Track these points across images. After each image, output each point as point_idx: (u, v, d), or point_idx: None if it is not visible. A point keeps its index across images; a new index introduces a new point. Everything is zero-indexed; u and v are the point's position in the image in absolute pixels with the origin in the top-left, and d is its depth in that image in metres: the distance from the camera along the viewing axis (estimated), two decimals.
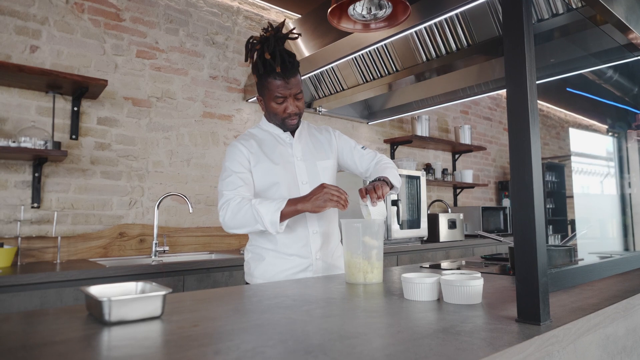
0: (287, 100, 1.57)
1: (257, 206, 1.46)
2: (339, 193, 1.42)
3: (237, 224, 1.52)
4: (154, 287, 0.99)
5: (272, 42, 1.48)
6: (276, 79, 1.52)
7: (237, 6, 3.37)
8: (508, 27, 0.96)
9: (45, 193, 2.49)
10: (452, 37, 2.48)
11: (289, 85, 1.54)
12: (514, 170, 0.92)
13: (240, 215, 1.49)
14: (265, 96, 1.60)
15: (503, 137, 5.93)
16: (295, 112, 1.59)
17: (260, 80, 1.57)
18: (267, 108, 1.62)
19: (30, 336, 0.80)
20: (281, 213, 1.45)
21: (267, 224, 1.46)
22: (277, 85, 1.53)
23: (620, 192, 2.06)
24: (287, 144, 1.69)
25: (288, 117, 1.60)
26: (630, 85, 2.31)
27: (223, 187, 1.58)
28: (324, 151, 1.74)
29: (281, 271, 1.61)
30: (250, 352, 0.70)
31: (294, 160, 1.66)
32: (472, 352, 0.70)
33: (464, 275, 1.14)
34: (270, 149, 1.65)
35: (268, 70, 1.51)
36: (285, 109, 1.58)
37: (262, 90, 1.59)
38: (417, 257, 3.54)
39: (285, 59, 1.51)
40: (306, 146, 1.71)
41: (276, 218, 1.44)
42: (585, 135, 3.09)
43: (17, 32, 2.46)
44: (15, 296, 1.84)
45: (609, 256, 1.54)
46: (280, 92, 1.54)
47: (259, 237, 1.65)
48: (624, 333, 1.21)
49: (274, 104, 1.58)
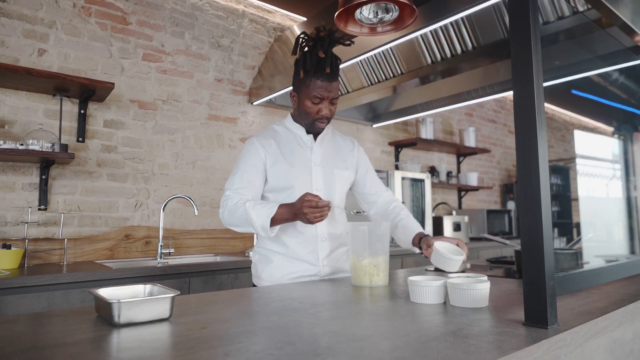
0: (324, 102, 1.56)
1: (249, 210, 1.49)
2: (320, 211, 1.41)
3: (233, 222, 1.56)
4: (162, 290, 1.00)
5: (327, 42, 1.48)
6: (320, 79, 1.51)
7: (243, 9, 3.38)
8: (515, 30, 0.96)
9: (52, 195, 2.51)
10: (457, 39, 2.48)
11: (330, 87, 1.54)
12: (521, 174, 0.92)
13: (236, 215, 1.53)
14: (302, 93, 1.58)
15: (508, 139, 5.92)
16: (327, 116, 1.59)
17: (302, 78, 1.55)
18: (301, 106, 1.60)
19: (41, 337, 0.81)
20: (272, 219, 1.48)
21: (258, 228, 1.49)
22: (319, 86, 1.52)
23: (626, 195, 2.05)
24: (307, 147, 1.67)
25: (319, 120, 1.59)
26: (636, 87, 2.30)
27: (228, 183, 1.62)
28: (344, 160, 1.72)
29: (288, 274, 1.61)
30: (260, 354, 0.71)
31: (312, 165, 1.64)
32: (480, 356, 0.71)
33: (471, 279, 1.14)
34: (289, 150, 1.64)
35: (316, 69, 1.50)
36: (319, 110, 1.57)
37: (301, 87, 1.57)
38: (422, 260, 3.53)
39: (333, 62, 1.52)
40: (327, 152, 1.69)
41: (266, 224, 1.48)
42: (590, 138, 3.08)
43: (25, 36, 2.48)
44: (22, 298, 1.85)
45: (615, 260, 1.53)
46: (320, 93, 1.53)
47: (267, 240, 1.65)
48: (632, 337, 1.21)
49: (309, 103, 1.57)
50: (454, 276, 1.19)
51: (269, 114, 3.49)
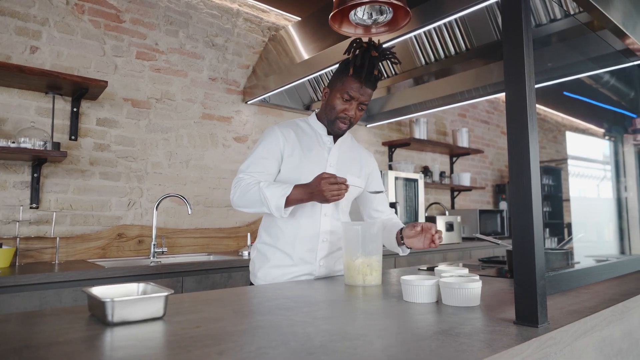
0: (352, 103, 1.60)
1: (264, 189, 1.49)
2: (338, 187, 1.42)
3: (244, 203, 1.55)
4: (155, 288, 1.00)
5: (380, 49, 1.54)
6: (357, 80, 1.56)
7: (237, 8, 3.38)
8: (508, 33, 0.97)
9: (44, 194, 2.49)
10: (451, 41, 2.49)
11: (362, 91, 1.58)
12: (513, 175, 0.93)
13: (248, 195, 1.52)
14: (335, 89, 1.61)
15: (500, 140, 5.96)
16: (351, 117, 1.61)
17: (340, 74, 1.60)
18: (330, 101, 1.63)
19: (34, 336, 0.81)
20: (287, 199, 1.46)
21: (272, 208, 1.48)
22: (353, 86, 1.56)
23: (616, 195, 2.08)
24: (326, 147, 1.68)
25: (342, 119, 1.62)
26: (626, 89, 2.33)
27: (243, 166, 1.61)
28: (357, 169, 1.74)
29: (284, 274, 1.60)
30: (254, 353, 0.71)
31: (327, 165, 1.66)
32: (471, 354, 0.72)
33: (463, 278, 1.16)
34: (308, 146, 1.65)
35: (359, 69, 1.54)
36: (346, 110, 1.60)
37: (336, 83, 1.61)
38: (414, 259, 3.55)
39: (374, 68, 1.56)
40: (342, 156, 1.71)
41: (281, 203, 1.46)
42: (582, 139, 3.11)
43: (18, 33, 2.46)
44: (14, 297, 1.84)
45: (605, 259, 1.55)
46: (352, 93, 1.57)
47: (267, 237, 1.66)
48: (620, 336, 1.22)
49: (338, 100, 1.60)
50: (446, 276, 1.20)
51: (263, 113, 3.49)
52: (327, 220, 1.63)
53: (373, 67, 1.54)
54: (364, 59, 1.53)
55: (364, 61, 1.54)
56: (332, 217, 1.64)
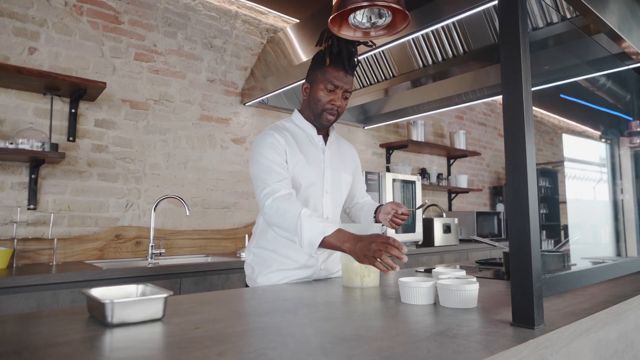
0: (337, 92, 1.56)
1: (303, 218, 1.36)
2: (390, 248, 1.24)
3: (277, 223, 1.43)
4: (155, 290, 1.00)
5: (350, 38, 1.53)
6: (337, 68, 1.53)
7: (236, 10, 3.38)
8: (504, 36, 0.98)
9: (42, 195, 2.49)
10: (449, 44, 2.51)
11: (345, 79, 1.55)
12: (510, 177, 0.94)
13: (285, 218, 1.39)
14: (316, 82, 1.58)
15: (497, 142, 5.98)
16: (338, 106, 1.58)
17: (318, 66, 1.57)
18: (313, 94, 1.59)
19: (33, 337, 0.81)
20: (324, 240, 1.33)
21: (304, 242, 1.35)
22: (335, 75, 1.54)
23: (612, 198, 2.09)
24: (319, 148, 1.66)
25: (329, 110, 1.58)
26: (622, 92, 2.35)
27: (266, 176, 1.48)
28: (348, 165, 1.76)
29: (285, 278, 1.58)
30: (253, 354, 0.72)
31: (324, 166, 1.65)
32: (468, 355, 0.72)
33: (460, 280, 1.16)
34: (305, 148, 1.61)
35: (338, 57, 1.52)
36: (332, 100, 1.57)
37: (315, 76, 1.58)
38: (412, 261, 3.56)
39: (353, 55, 1.54)
40: (335, 155, 1.71)
41: (317, 242, 1.33)
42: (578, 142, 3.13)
43: (16, 34, 2.46)
44: (11, 298, 1.84)
45: (601, 262, 1.56)
46: (336, 82, 1.54)
47: (265, 241, 1.61)
48: (616, 337, 1.23)
49: (322, 92, 1.56)
50: (444, 277, 1.21)
51: (261, 114, 3.49)
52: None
53: (351, 53, 1.53)
54: (340, 46, 1.52)
55: (341, 50, 1.52)
56: (332, 220, 1.65)
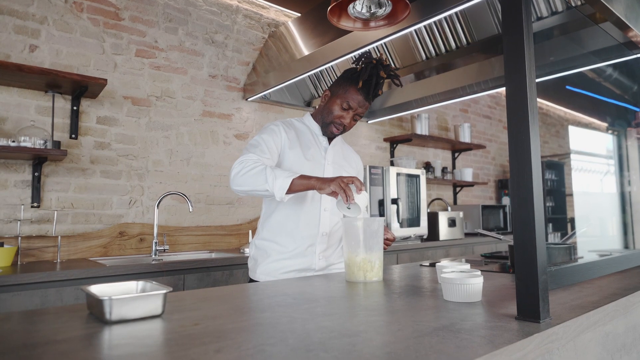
0: (349, 112, 1.66)
1: (268, 170, 1.47)
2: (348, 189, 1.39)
3: (244, 181, 1.49)
4: (154, 286, 0.99)
5: (388, 71, 1.62)
6: (359, 93, 1.62)
7: (237, 5, 3.36)
8: (507, 26, 0.96)
9: (45, 192, 2.49)
10: (452, 35, 2.47)
11: (362, 104, 1.65)
12: (514, 169, 0.92)
13: (251, 173, 1.48)
14: (336, 95, 1.67)
15: (502, 135, 5.93)
16: (345, 124, 1.68)
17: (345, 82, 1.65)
18: (328, 105, 1.70)
19: (32, 335, 0.80)
20: (292, 181, 1.44)
21: (275, 187, 1.44)
22: (355, 98, 1.63)
23: (620, 190, 2.06)
24: (322, 147, 1.76)
25: (336, 124, 1.68)
26: (630, 83, 2.31)
27: (248, 148, 1.59)
28: (350, 166, 1.84)
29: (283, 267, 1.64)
30: (252, 350, 0.71)
31: (325, 163, 1.73)
32: (472, 350, 0.71)
33: (464, 274, 1.15)
34: (306, 144, 1.71)
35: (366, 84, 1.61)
36: (342, 117, 1.67)
37: (339, 89, 1.66)
38: (417, 255, 3.55)
39: (379, 86, 1.64)
40: (337, 155, 1.79)
41: (286, 184, 1.43)
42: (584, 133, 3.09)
43: (16, 32, 2.45)
44: (15, 295, 1.84)
45: (608, 254, 1.54)
46: (352, 104, 1.64)
47: (266, 232, 1.68)
48: (624, 330, 1.21)
49: (337, 107, 1.66)
50: (447, 271, 1.19)
51: (264, 110, 3.48)
52: (326, 214, 1.67)
53: (378, 86, 1.62)
54: (372, 76, 1.59)
55: (371, 78, 1.59)
56: (331, 212, 1.68)
